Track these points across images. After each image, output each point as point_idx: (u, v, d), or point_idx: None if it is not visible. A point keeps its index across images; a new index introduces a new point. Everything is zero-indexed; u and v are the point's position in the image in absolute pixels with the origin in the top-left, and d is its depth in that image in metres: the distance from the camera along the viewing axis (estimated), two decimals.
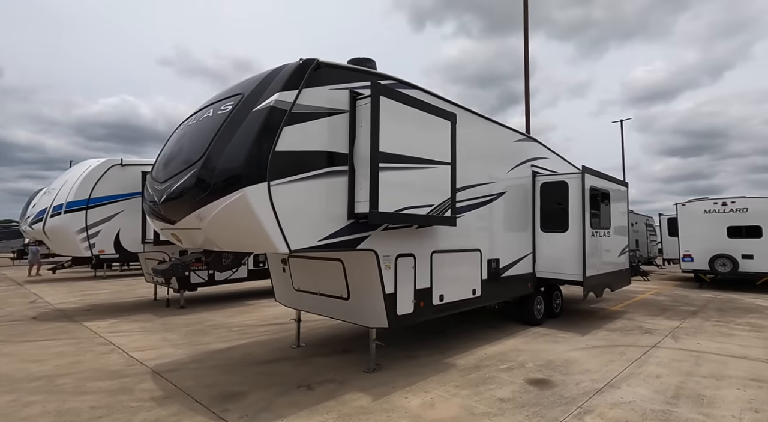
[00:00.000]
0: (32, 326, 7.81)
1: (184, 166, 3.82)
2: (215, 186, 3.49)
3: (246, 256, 4.68)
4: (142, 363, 5.33)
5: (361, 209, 4.13)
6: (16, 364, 5.35)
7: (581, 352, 5.76)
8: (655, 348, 6.01)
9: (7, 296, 11.98)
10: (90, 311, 9.51)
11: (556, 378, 4.70)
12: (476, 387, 4.39)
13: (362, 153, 4.15)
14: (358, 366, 5.14)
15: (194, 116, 4.46)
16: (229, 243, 3.89)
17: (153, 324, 7.89)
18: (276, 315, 8.53)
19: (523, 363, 5.22)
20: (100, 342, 6.48)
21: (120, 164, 8.81)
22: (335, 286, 5.13)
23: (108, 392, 4.32)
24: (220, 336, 6.83)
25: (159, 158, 4.58)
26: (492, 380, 4.62)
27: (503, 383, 4.52)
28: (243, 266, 10.64)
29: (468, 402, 4.01)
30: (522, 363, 5.22)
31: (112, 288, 13.68)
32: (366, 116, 4.13)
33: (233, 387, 4.43)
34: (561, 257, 7.29)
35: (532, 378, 4.69)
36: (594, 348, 5.97)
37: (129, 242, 8.81)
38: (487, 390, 4.30)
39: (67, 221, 8.16)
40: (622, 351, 5.86)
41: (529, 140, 7.76)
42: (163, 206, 3.98)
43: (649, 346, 6.11)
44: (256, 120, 3.57)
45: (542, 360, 5.34)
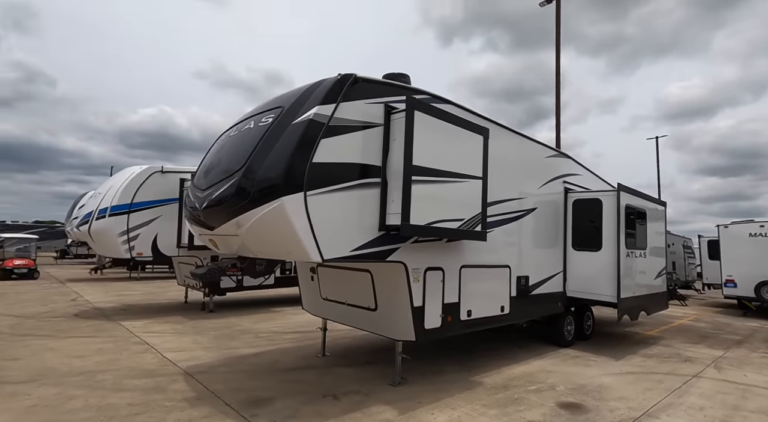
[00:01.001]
0: (74, 323, 8.22)
1: (225, 175, 3.99)
2: (254, 195, 3.62)
3: (279, 263, 4.79)
4: (174, 364, 5.50)
5: (393, 221, 4.16)
6: (60, 359, 5.64)
7: (615, 378, 5.52)
8: (697, 378, 5.68)
9: (50, 294, 12.68)
10: (125, 311, 9.92)
11: (589, 403, 4.52)
12: (504, 408, 4.28)
13: (395, 166, 4.21)
14: (383, 378, 5.12)
15: (236, 127, 4.66)
16: (265, 250, 4.00)
17: (184, 326, 8.15)
18: (301, 323, 8.63)
19: (554, 386, 5.05)
20: (135, 342, 6.74)
21: (161, 172, 9.26)
22: (363, 297, 5.16)
23: (143, 390, 4.48)
24: (248, 342, 6.97)
25: (201, 167, 4.79)
26: (521, 401, 4.49)
27: (532, 405, 4.39)
28: (271, 274, 10.87)
29: (498, 419, 3.91)
30: (552, 386, 5.05)
31: (145, 290, 14.24)
32: (400, 130, 4.20)
33: (260, 393, 4.50)
34: (594, 277, 7.05)
35: (564, 401, 4.53)
36: (629, 374, 5.71)
37: (165, 246, 9.18)
38: (516, 412, 4.18)
39: (110, 224, 8.61)
40: (659, 378, 5.57)
41: (561, 155, 7.63)
42: (204, 212, 4.16)
43: (690, 375, 5.78)
44: (295, 132, 3.70)
45: (574, 384, 5.16)
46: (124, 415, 3.82)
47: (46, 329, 7.62)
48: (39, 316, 8.90)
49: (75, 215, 19.14)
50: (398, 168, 4.18)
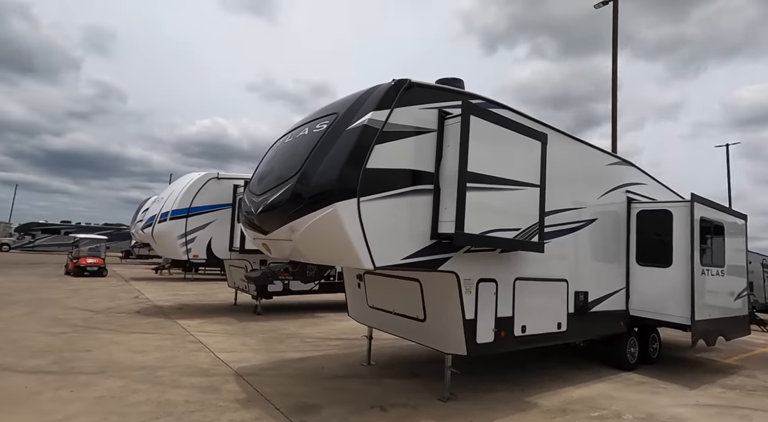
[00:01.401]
0: (137, 319, 8.76)
1: (279, 181, 4.06)
2: (308, 201, 3.65)
3: (329, 269, 4.82)
4: (226, 364, 5.66)
5: (445, 230, 4.03)
6: (124, 353, 5.99)
7: (691, 410, 4.95)
8: None
9: (116, 291, 13.67)
10: (181, 310, 10.45)
11: None
12: None
13: (449, 173, 4.09)
14: (430, 392, 4.94)
15: (290, 134, 4.76)
16: (317, 256, 4.01)
17: (234, 327, 8.41)
18: (344, 330, 8.62)
19: (619, 414, 4.62)
20: (190, 340, 7.04)
21: (216, 178, 9.73)
22: (411, 306, 5.04)
23: (198, 388, 4.62)
24: (294, 346, 7.05)
25: (256, 173, 4.94)
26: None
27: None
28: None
29: None
30: (617, 413, 4.62)
31: (198, 290, 14.96)
32: (454, 135, 4.08)
33: (308, 399, 4.48)
34: (662, 296, 6.45)
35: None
36: (708, 407, 5.10)
37: (219, 249, 9.59)
38: None
39: (170, 227, 9.14)
40: (745, 414, 4.93)
41: (623, 163, 7.11)
42: (259, 217, 4.25)
43: None
44: (350, 138, 3.70)
45: (642, 413, 4.68)
46: (181, 412, 3.94)
47: (113, 324, 8.17)
48: (106, 311, 9.58)
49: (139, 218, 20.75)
50: (452, 175, 4.05)
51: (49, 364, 5.31)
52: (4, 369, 5.07)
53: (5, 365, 5.22)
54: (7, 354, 5.74)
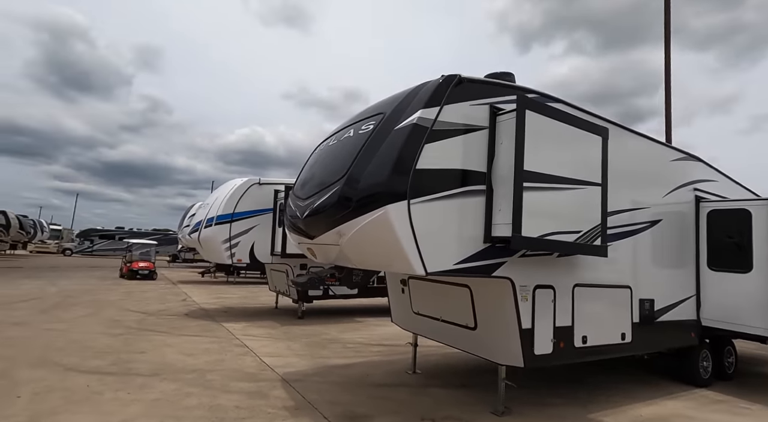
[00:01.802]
0: (185, 322, 9.04)
1: (326, 184, 3.97)
2: (356, 204, 3.53)
3: (375, 274, 4.71)
4: (272, 369, 5.65)
5: (500, 233, 3.78)
6: (176, 355, 6.14)
7: None
8: None
9: (165, 294, 14.27)
10: (226, 313, 10.70)
11: None
12: None
13: (502, 172, 3.84)
14: (482, 404, 4.67)
15: (334, 137, 4.68)
16: (365, 261, 3.88)
17: (277, 331, 8.48)
18: (386, 335, 8.46)
19: None
20: (236, 343, 7.13)
21: (258, 184, 9.91)
22: (460, 314, 4.79)
23: (248, 394, 4.61)
24: (337, 351, 6.97)
25: (301, 176, 4.90)
26: None
27: None
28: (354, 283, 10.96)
29: None
30: None
31: (240, 294, 15.34)
32: (508, 132, 3.83)
33: (355, 408, 4.35)
34: (740, 304, 5.80)
35: None
36: None
37: (261, 253, 9.75)
38: None
39: (216, 232, 9.40)
40: None
41: (690, 158, 6.50)
42: (305, 221, 4.19)
43: None
44: (398, 138, 3.55)
45: None
46: (232, 418, 3.92)
47: (164, 326, 8.46)
48: (157, 313, 9.97)
49: (186, 223, 21.71)
50: (506, 174, 3.80)
51: (109, 365, 5.52)
52: (69, 369, 5.31)
53: (70, 365, 5.48)
54: (71, 354, 6.03)
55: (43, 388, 4.54)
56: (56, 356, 5.90)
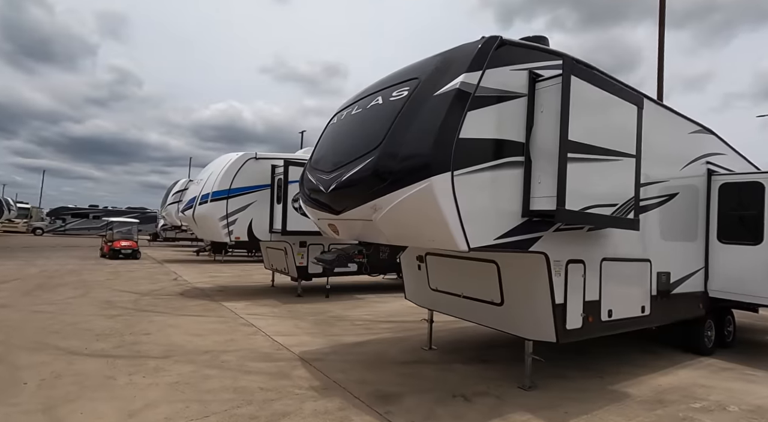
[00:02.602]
0: (183, 301, 8.75)
1: (356, 155, 3.70)
2: (396, 176, 3.29)
3: (402, 251, 4.53)
4: (287, 349, 5.49)
5: (540, 206, 3.63)
6: (182, 336, 5.90)
7: None
8: None
9: (154, 273, 13.83)
10: (223, 292, 10.43)
11: None
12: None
13: (542, 142, 3.65)
14: (508, 379, 4.65)
15: (357, 105, 4.36)
16: (401, 236, 3.68)
17: (280, 309, 8.30)
18: (391, 312, 8.41)
19: (723, 405, 4.23)
20: (242, 323, 6.93)
21: (255, 158, 9.46)
22: (486, 290, 4.70)
23: (269, 375, 4.45)
24: (346, 329, 6.86)
25: (320, 148, 4.60)
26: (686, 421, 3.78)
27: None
28: None
29: None
30: (721, 405, 4.23)
31: (232, 272, 15.00)
32: (550, 99, 3.62)
33: (384, 387, 4.25)
34: (749, 276, 5.91)
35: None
36: None
37: (259, 230, 9.42)
38: None
39: (212, 209, 8.98)
40: None
41: (704, 131, 6.46)
42: (330, 195, 3.93)
43: None
44: (441, 104, 3.29)
45: (747, 404, 4.28)
46: (260, 400, 3.76)
47: (161, 306, 8.15)
48: (152, 293, 9.62)
49: (170, 200, 20.91)
50: (546, 145, 3.62)
51: (114, 348, 5.24)
52: (71, 352, 5.02)
53: (72, 348, 5.17)
54: (70, 337, 5.71)
55: (49, 374, 4.26)
56: (54, 339, 5.58)
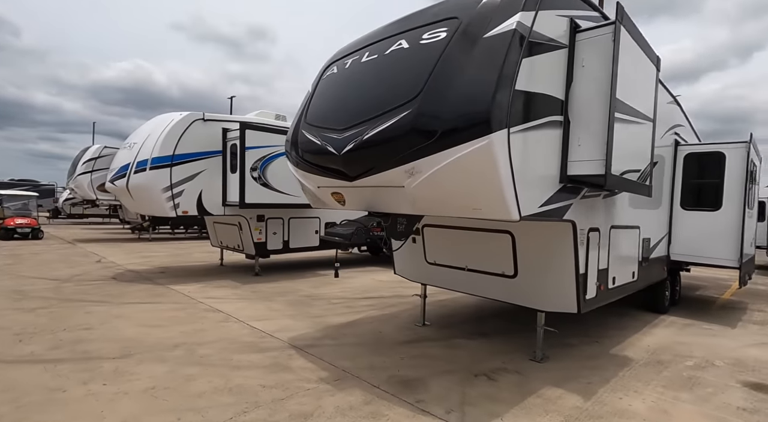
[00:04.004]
0: (120, 287, 7.47)
1: (385, 108, 3.07)
2: (446, 132, 2.75)
3: (419, 220, 4.04)
4: (271, 335, 4.83)
5: (579, 171, 3.35)
6: (136, 328, 4.92)
7: (764, 350, 5.00)
8: None
9: (69, 255, 11.82)
10: (165, 273, 9.18)
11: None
12: (692, 391, 3.69)
13: (582, 100, 3.34)
14: (516, 352, 4.53)
15: (364, 51, 3.66)
16: (437, 205, 3.17)
17: (242, 291, 7.45)
18: (363, 287, 8.00)
19: (710, 361, 4.51)
20: (205, 308, 6.04)
21: (202, 119, 8.16)
22: (497, 262, 4.44)
23: (264, 368, 3.81)
24: (326, 309, 6.32)
25: (320, 102, 3.86)
26: (699, 381, 3.92)
27: (718, 386, 3.81)
28: (315, 235, 10.13)
29: (705, 410, 3.33)
30: (708, 360, 4.51)
31: (166, 251, 13.37)
32: (594, 53, 3.29)
33: (400, 372, 3.86)
34: (709, 239, 6.42)
35: (747, 381, 3.98)
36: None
37: (211, 203, 8.27)
38: (711, 396, 3.61)
39: (152, 178, 7.63)
40: None
41: (674, 102, 6.74)
42: (346, 157, 3.28)
43: None
44: (496, 48, 2.78)
45: (728, 358, 4.61)
46: (269, 400, 3.15)
47: (93, 294, 6.86)
48: (75, 280, 8.11)
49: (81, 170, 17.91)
50: (587, 103, 3.32)
51: (49, 350, 4.16)
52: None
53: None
54: None
55: None
56: None
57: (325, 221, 10.18)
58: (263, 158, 8.24)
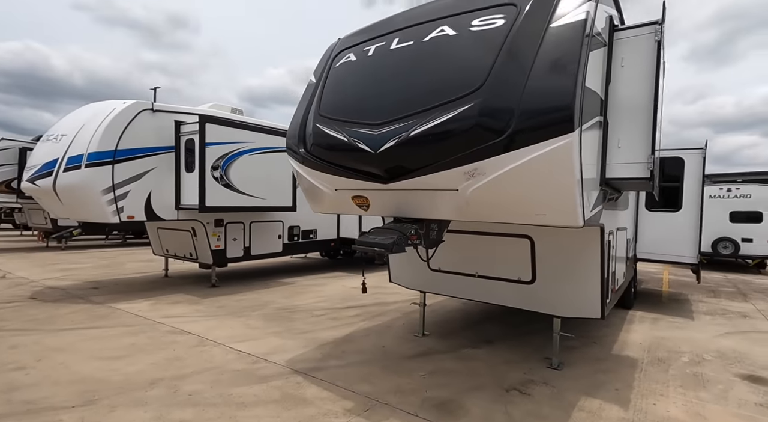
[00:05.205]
0: (47, 309, 6.15)
1: (439, 99, 2.69)
2: (521, 129, 2.45)
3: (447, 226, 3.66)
4: (264, 360, 4.18)
5: (618, 174, 3.26)
6: (91, 363, 3.97)
7: (731, 340, 5.41)
8: None
9: None
10: (99, 289, 7.84)
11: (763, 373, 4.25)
12: (707, 389, 3.80)
13: (624, 100, 3.26)
14: (531, 360, 4.41)
15: (393, 36, 3.25)
16: (495, 211, 2.85)
17: (205, 306, 6.56)
18: (339, 296, 7.51)
19: (699, 355, 4.75)
20: (168, 331, 5.14)
21: (150, 110, 7.06)
22: (513, 267, 4.28)
23: (275, 403, 3.21)
24: (312, 322, 5.74)
25: (342, 92, 3.37)
26: (705, 378, 4.07)
27: (723, 382, 3.98)
28: (279, 240, 9.38)
29: (731, 409, 3.41)
30: (698, 355, 4.74)
31: (91, 262, 11.55)
32: (635, 52, 3.21)
33: (431, 393, 3.50)
34: (670, 238, 6.93)
35: (741, 373, 4.22)
36: (735, 334, 5.67)
37: (161, 207, 7.19)
38: (725, 393, 3.73)
39: (89, 178, 6.40)
40: (764, 337, 5.62)
41: None
42: (386, 155, 2.84)
43: None
44: (567, 39, 2.55)
45: (711, 351, 4.90)
46: None
47: (12, 320, 5.55)
48: None
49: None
50: (628, 103, 3.24)
51: None
52: None
53: None
54: None
55: None
56: None
57: (288, 225, 9.46)
58: (226, 156, 7.36)
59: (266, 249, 9.05)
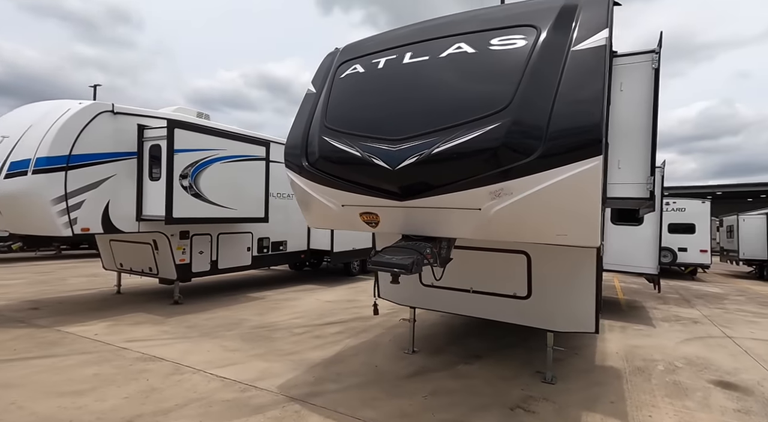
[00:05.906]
0: None
1: (464, 117, 2.64)
2: (551, 150, 2.45)
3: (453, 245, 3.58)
4: (254, 387, 3.86)
5: (620, 193, 3.40)
6: (54, 400, 3.44)
7: (693, 346, 5.81)
8: (731, 339, 6.34)
9: None
10: (40, 310, 6.98)
11: (737, 379, 4.55)
12: (689, 398, 4.00)
13: (623, 122, 3.40)
14: (524, 375, 4.44)
15: (409, 49, 3.17)
16: (517, 231, 2.82)
17: (171, 326, 6.02)
18: (317, 311, 7.25)
19: (671, 363, 5.03)
20: (136, 357, 4.62)
21: (111, 112, 6.45)
22: (508, 282, 4.31)
23: None
24: (295, 342, 5.45)
25: (350, 105, 3.22)
26: (684, 386, 4.29)
27: (701, 389, 4.22)
28: (248, 252, 8.91)
29: (717, 417, 3.62)
30: (670, 363, 5.02)
31: (24, 278, 10.33)
32: (634, 77, 3.36)
33: (438, 416, 3.39)
34: (633, 251, 7.38)
35: (712, 379, 4.51)
36: (694, 340, 6.10)
37: (120, 217, 6.56)
38: (705, 400, 3.95)
39: (36, 185, 5.69)
40: (718, 342, 6.08)
41: None
42: (406, 172, 2.74)
43: (725, 336, 6.46)
44: (591, 62, 2.61)
45: (680, 358, 5.21)
46: None
47: None
48: None
49: None
50: (628, 125, 3.39)
51: None
52: None
53: None
54: None
55: None
56: None
57: (258, 237, 9.02)
58: (195, 164, 6.88)
59: (234, 263, 8.55)
